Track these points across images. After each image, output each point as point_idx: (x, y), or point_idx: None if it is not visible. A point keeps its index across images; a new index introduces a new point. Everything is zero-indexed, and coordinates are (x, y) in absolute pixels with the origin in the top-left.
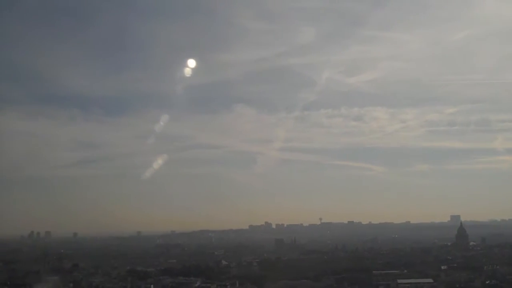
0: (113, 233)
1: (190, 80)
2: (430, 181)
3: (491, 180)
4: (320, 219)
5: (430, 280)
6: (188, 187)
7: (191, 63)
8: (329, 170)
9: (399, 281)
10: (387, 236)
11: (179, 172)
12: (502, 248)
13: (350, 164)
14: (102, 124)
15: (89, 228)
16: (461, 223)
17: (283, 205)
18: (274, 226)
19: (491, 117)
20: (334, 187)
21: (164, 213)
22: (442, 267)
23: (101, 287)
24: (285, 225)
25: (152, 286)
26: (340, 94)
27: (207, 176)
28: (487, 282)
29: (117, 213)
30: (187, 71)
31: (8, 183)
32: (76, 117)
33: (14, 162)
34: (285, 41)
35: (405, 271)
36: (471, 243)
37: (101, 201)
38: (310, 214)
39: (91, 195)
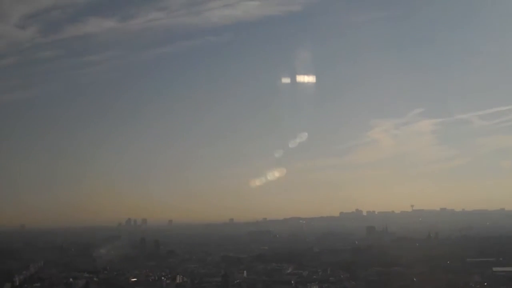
0: (206, 220)
1: None
2: None
3: None
4: (412, 206)
5: None
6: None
7: None
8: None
9: (494, 269)
10: (481, 224)
11: None
12: None
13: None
14: None
15: (183, 215)
16: None
17: (374, 192)
18: (365, 213)
19: None
20: (425, 173)
21: (256, 201)
22: None
23: (196, 272)
24: (376, 212)
25: (245, 272)
26: None
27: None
28: None
29: (210, 200)
30: None
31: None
32: None
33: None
34: None
35: (501, 259)
36: None
37: (195, 189)
38: (402, 201)
39: (186, 183)
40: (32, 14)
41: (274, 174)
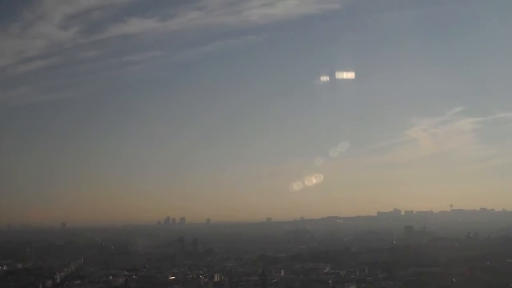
0: (244, 219)
1: None
2: None
3: None
4: (451, 205)
5: None
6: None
7: None
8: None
9: None
10: None
11: None
12: None
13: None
14: None
15: (221, 214)
16: None
17: (412, 191)
18: (403, 213)
19: None
20: (464, 172)
21: (293, 200)
22: None
23: (234, 271)
24: (414, 212)
25: (282, 271)
26: None
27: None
28: None
29: (248, 199)
30: None
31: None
32: None
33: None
34: None
35: None
36: None
37: (233, 188)
38: (441, 201)
39: (224, 182)
40: (73, 15)
41: (312, 175)
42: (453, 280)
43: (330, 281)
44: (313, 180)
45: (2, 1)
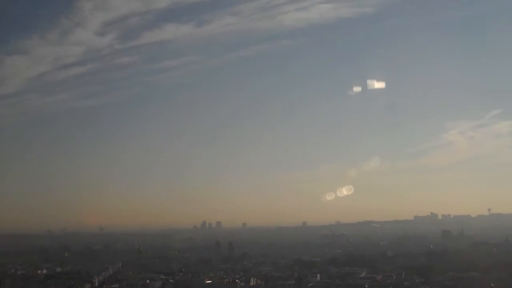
0: (279, 224)
1: None
2: None
3: None
4: (489, 209)
5: None
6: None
7: None
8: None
9: None
10: None
11: None
12: None
13: None
14: None
15: (257, 218)
16: None
17: (449, 195)
18: (440, 217)
19: None
20: (502, 176)
21: (329, 204)
22: None
23: (270, 275)
24: (451, 216)
25: (318, 275)
26: None
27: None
28: None
29: (283, 204)
30: None
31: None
32: None
33: None
34: None
35: None
36: None
37: (269, 193)
38: (478, 205)
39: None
40: (110, 21)
41: (348, 179)
42: (492, 285)
43: (366, 286)
44: (345, 191)
45: (41, 9)
